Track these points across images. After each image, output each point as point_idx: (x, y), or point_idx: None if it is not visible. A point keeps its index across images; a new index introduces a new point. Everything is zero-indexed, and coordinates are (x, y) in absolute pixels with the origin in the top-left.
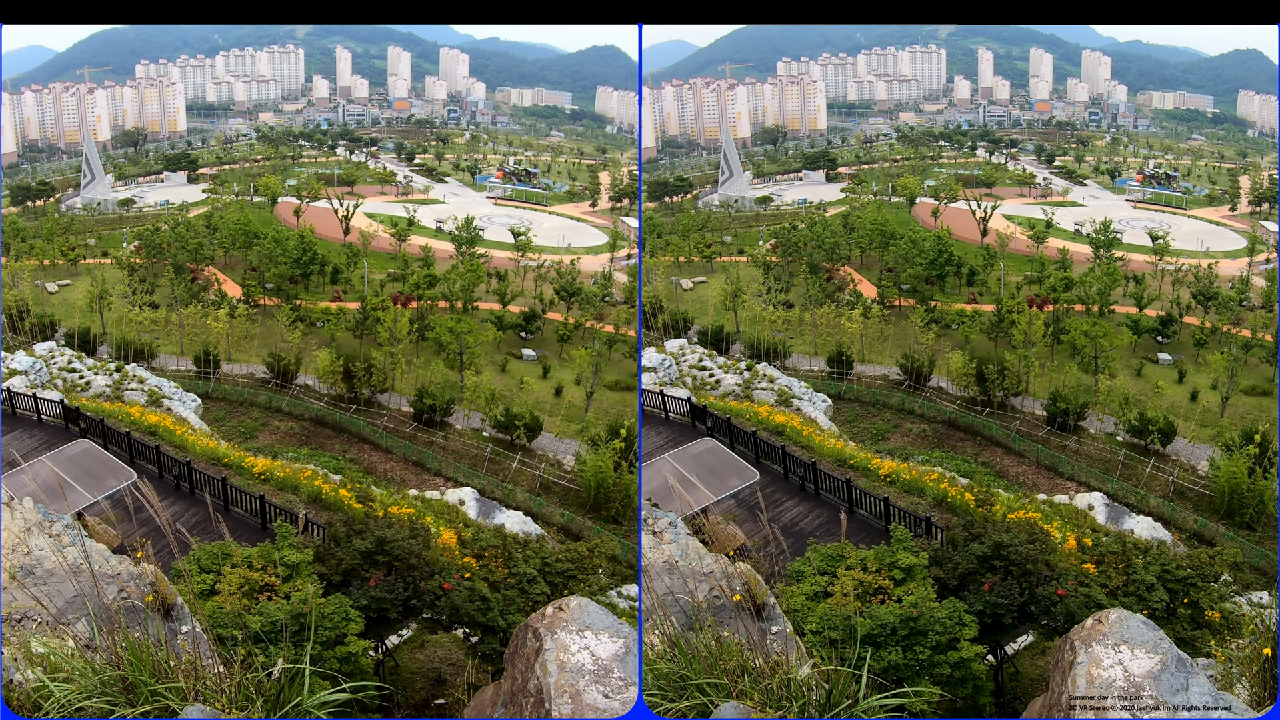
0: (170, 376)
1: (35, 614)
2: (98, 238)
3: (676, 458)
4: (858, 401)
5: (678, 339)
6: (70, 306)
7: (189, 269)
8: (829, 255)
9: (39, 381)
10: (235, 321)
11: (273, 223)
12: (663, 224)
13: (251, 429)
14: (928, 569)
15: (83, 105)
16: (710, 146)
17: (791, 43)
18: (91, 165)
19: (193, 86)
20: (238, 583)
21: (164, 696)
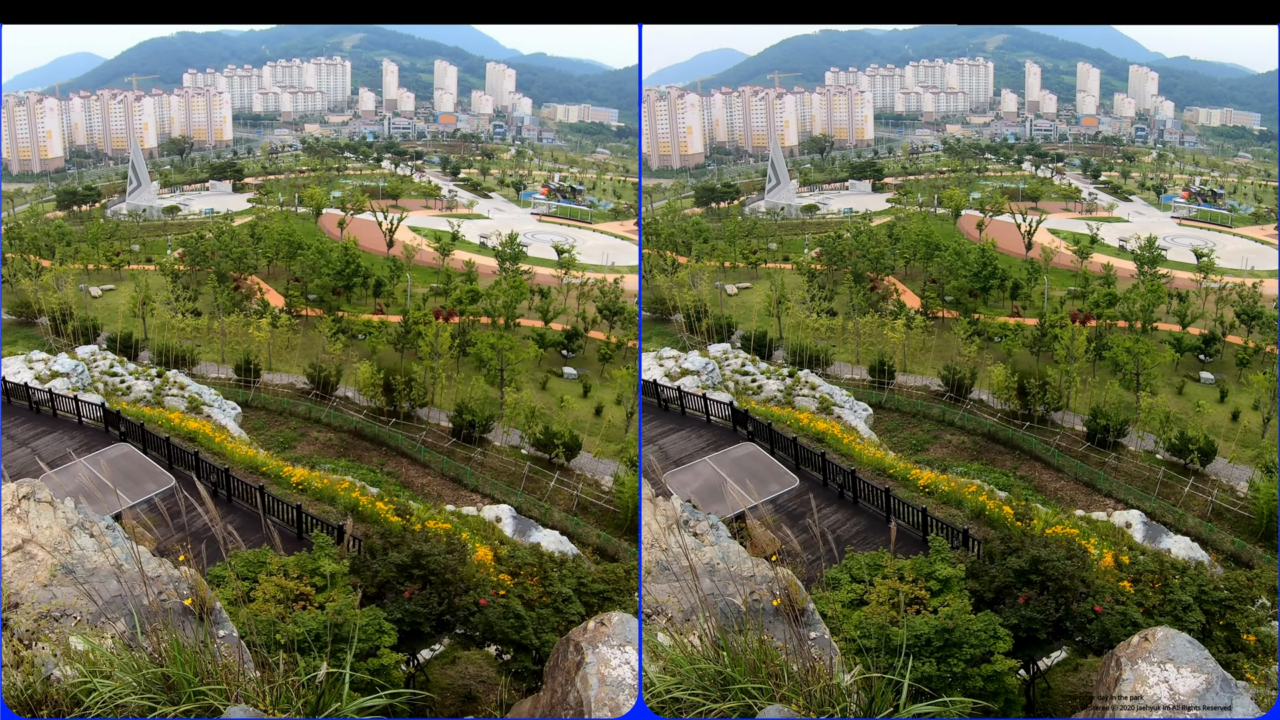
0: (211, 384)
1: (75, 611)
2: (142, 244)
3: (717, 460)
4: (898, 411)
5: (721, 343)
6: (113, 311)
7: (232, 277)
8: (873, 265)
9: (80, 384)
10: (277, 331)
11: (317, 234)
12: (709, 229)
13: (290, 439)
14: (964, 581)
15: (130, 112)
16: (758, 154)
17: (840, 53)
18: (138, 172)
19: (239, 96)
20: (274, 590)
21: (207, 695)
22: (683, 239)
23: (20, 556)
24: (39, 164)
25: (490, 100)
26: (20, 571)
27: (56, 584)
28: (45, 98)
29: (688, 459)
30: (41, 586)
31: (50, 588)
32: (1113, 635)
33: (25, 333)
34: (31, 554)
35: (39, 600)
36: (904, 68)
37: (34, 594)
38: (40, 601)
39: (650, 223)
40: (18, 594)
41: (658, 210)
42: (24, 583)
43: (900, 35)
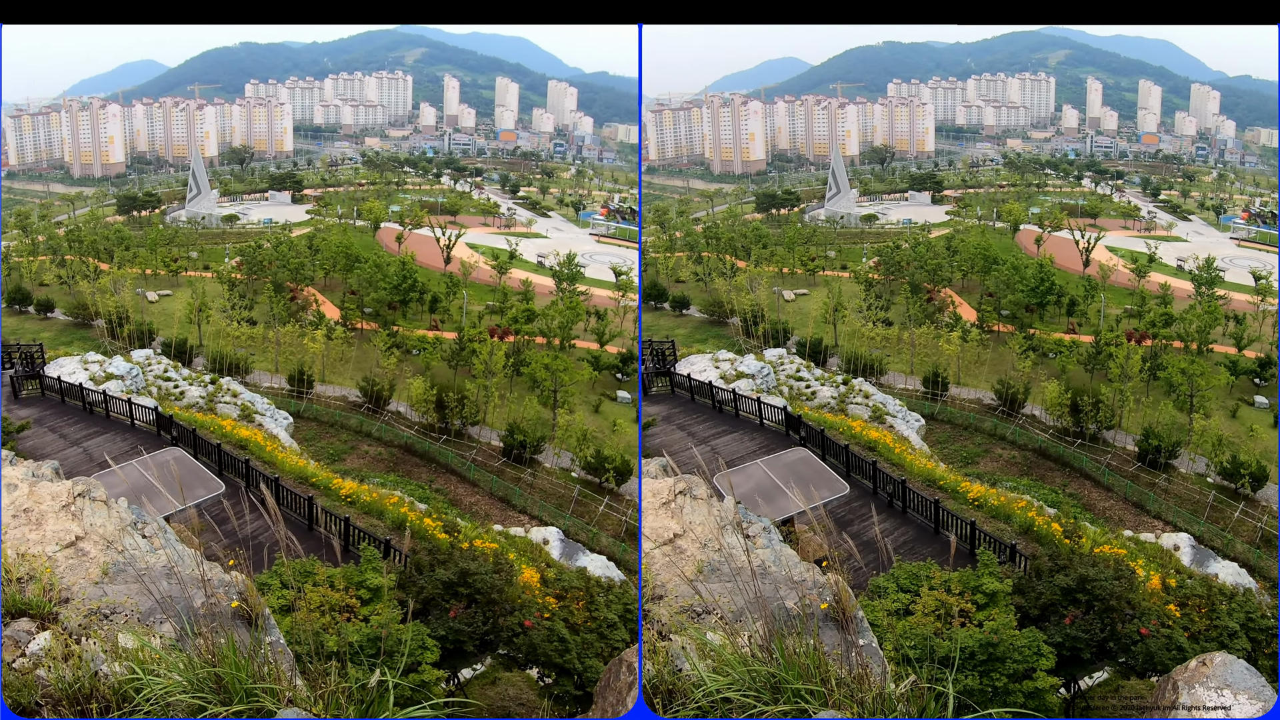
0: (263, 393)
1: (125, 610)
2: (200, 251)
3: (769, 464)
4: (950, 423)
5: (777, 348)
6: (169, 316)
7: (289, 288)
8: (931, 276)
9: (134, 387)
10: (331, 343)
11: (374, 248)
12: (769, 235)
13: (340, 451)
14: (1011, 596)
15: (192, 121)
16: (819, 162)
17: (903, 65)
18: (198, 180)
19: (300, 108)
20: (318, 601)
21: (259, 698)
22: (742, 244)
23: (73, 553)
24: (100, 168)
25: (551, 118)
26: (72, 568)
27: (108, 582)
28: (108, 103)
29: (739, 461)
30: (93, 583)
31: (101, 585)
32: (1157, 659)
33: (81, 334)
34: (85, 551)
35: (90, 597)
36: (966, 81)
37: (85, 590)
38: (91, 598)
39: (711, 226)
40: (69, 589)
41: (719, 214)
42: (76, 579)
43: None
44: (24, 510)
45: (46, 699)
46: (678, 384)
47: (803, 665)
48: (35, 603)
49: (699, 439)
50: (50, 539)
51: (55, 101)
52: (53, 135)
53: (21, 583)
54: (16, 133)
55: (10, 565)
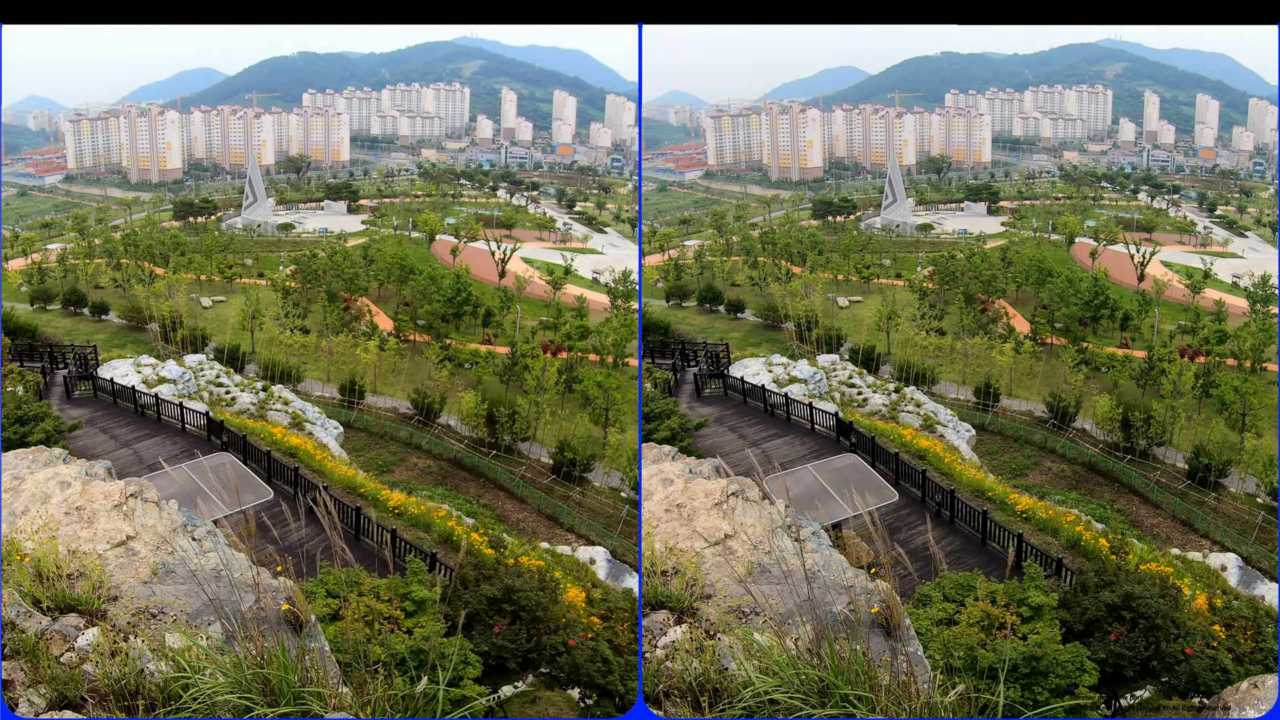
0: (314, 402)
1: (172, 610)
2: (255, 258)
3: (819, 469)
4: (1000, 435)
5: (830, 354)
6: (222, 322)
7: (342, 298)
8: (985, 287)
9: (186, 392)
10: (384, 354)
11: (429, 260)
12: (824, 241)
13: (389, 462)
14: (1056, 610)
15: (249, 129)
16: (875, 171)
17: (960, 75)
18: (254, 187)
19: (358, 118)
20: (363, 611)
21: (306, 700)
22: (798, 250)
23: (124, 552)
24: (158, 174)
25: (609, 133)
26: (122, 566)
27: (156, 582)
28: (167, 110)
29: (789, 465)
30: (142, 583)
31: (150, 584)
32: (1201, 679)
33: (135, 337)
34: (135, 551)
35: (138, 596)
36: (1023, 92)
37: (134, 589)
38: (140, 597)
39: (767, 232)
40: (118, 588)
41: (775, 220)
42: (125, 577)
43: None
44: (76, 508)
45: (93, 693)
46: (731, 386)
47: (851, 671)
48: (84, 599)
49: (750, 441)
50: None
51: (114, 107)
52: (111, 140)
53: (71, 579)
54: (76, 137)
55: (61, 561)
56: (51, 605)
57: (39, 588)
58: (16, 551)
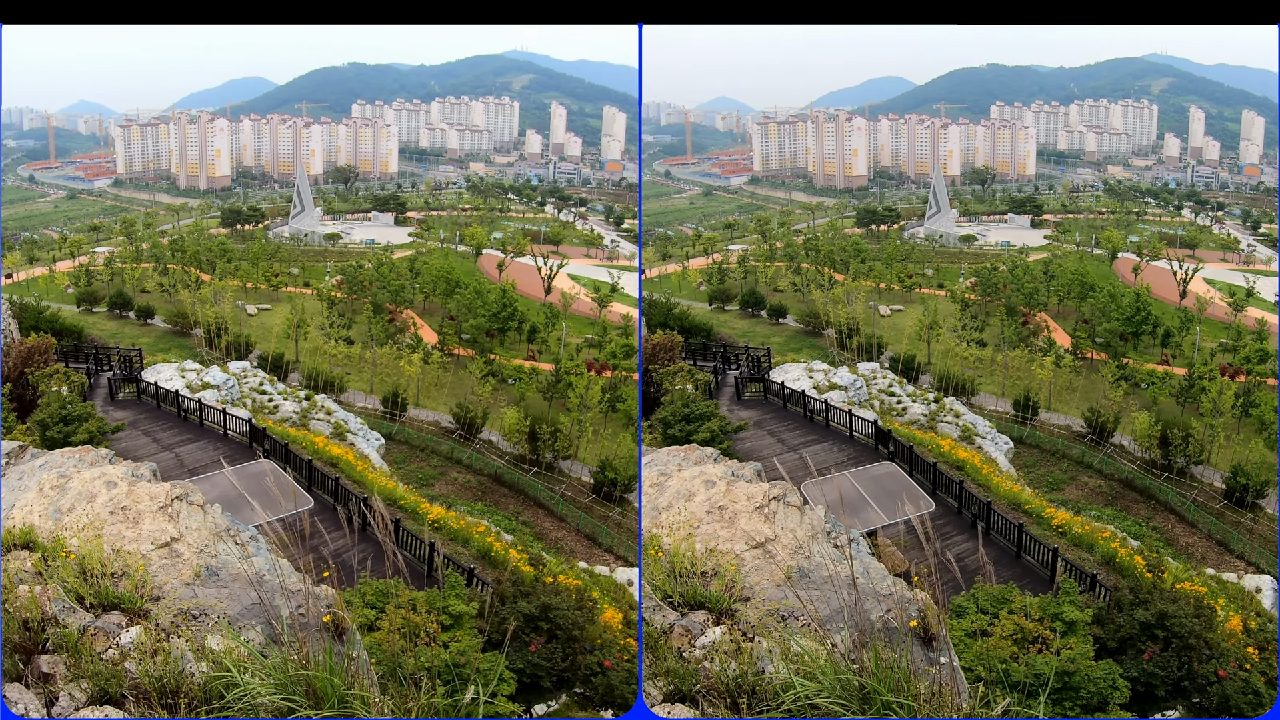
0: (357, 412)
1: (214, 612)
2: (301, 267)
3: (856, 476)
4: (1038, 448)
5: (870, 362)
6: (267, 330)
7: (388, 309)
8: (1027, 300)
9: (230, 398)
10: (428, 367)
11: (475, 274)
12: (868, 250)
13: (430, 476)
14: (1089, 626)
15: (298, 138)
16: (920, 181)
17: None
18: (302, 197)
19: (406, 130)
20: (400, 622)
21: (351, 704)
22: (841, 257)
23: (167, 553)
24: (206, 181)
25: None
26: (165, 567)
27: (199, 584)
28: (216, 117)
29: (827, 471)
30: (184, 584)
31: (192, 586)
32: (1233, 702)
33: (179, 342)
34: (178, 553)
35: (181, 597)
36: (1068, 106)
37: (176, 590)
38: (182, 598)
39: (811, 239)
40: (160, 588)
41: (819, 227)
42: (168, 578)
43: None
44: (122, 508)
45: (133, 690)
46: (771, 391)
47: (893, 679)
48: (127, 598)
49: (789, 446)
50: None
51: (164, 113)
52: (161, 146)
53: (115, 577)
54: (126, 142)
55: (105, 559)
56: (95, 602)
57: (83, 585)
58: (62, 548)
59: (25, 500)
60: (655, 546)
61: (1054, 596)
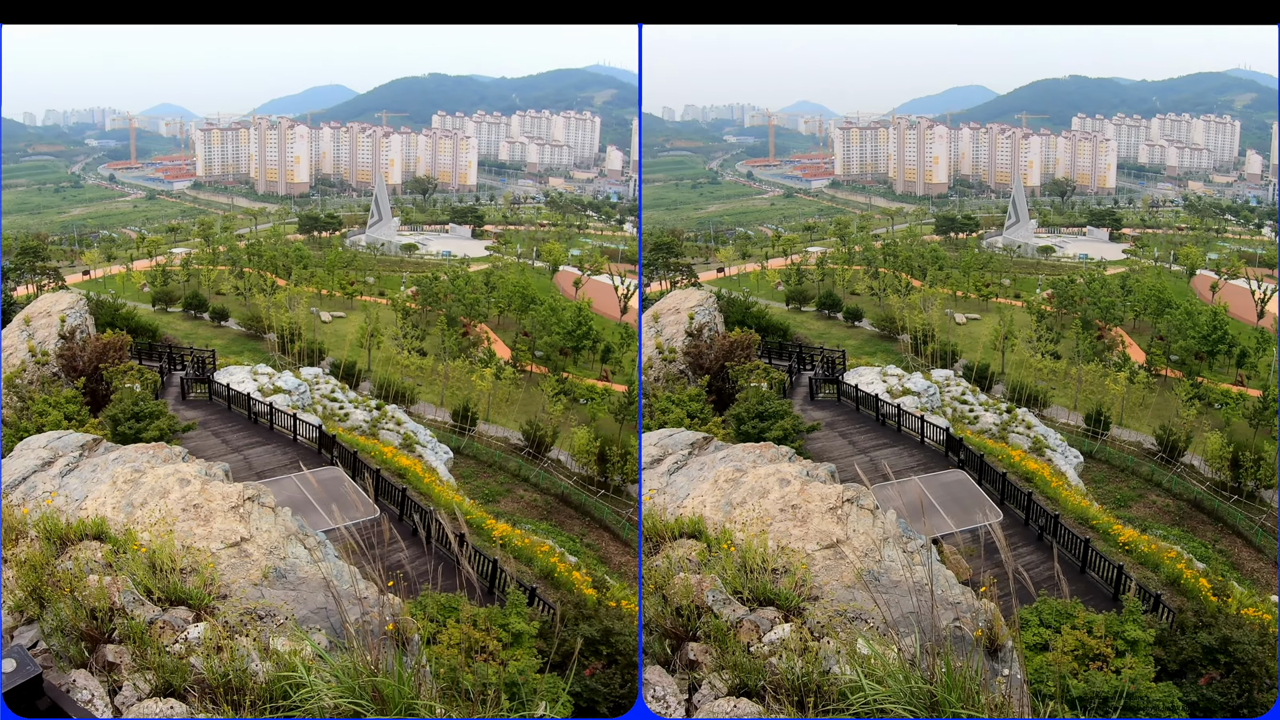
0: (426, 424)
1: (280, 614)
2: (377, 277)
3: (926, 482)
4: (1108, 464)
5: (944, 369)
6: (340, 338)
7: (462, 323)
8: (1103, 314)
9: (301, 403)
10: (499, 383)
11: (551, 290)
12: (945, 257)
13: (496, 492)
14: (1151, 647)
15: (377, 147)
16: (1000, 190)
17: (1088, 99)
18: (380, 206)
19: (486, 143)
20: (459, 637)
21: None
22: (919, 263)
23: (237, 553)
24: (284, 187)
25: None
26: (234, 566)
27: (266, 585)
28: (297, 124)
29: (897, 475)
30: (252, 584)
31: (260, 587)
32: None
33: (252, 345)
34: (248, 553)
35: (248, 596)
36: (1150, 119)
37: (244, 590)
38: (249, 598)
39: (889, 244)
40: (228, 587)
41: (898, 233)
42: (236, 577)
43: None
44: (194, 505)
45: (197, 685)
46: (844, 393)
47: (964, 688)
48: (195, 594)
49: (859, 448)
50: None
51: (245, 119)
52: (240, 151)
53: (184, 573)
54: (206, 146)
55: (175, 555)
56: (162, 596)
57: (152, 578)
58: (133, 541)
59: (98, 492)
60: (728, 541)
61: (1117, 614)
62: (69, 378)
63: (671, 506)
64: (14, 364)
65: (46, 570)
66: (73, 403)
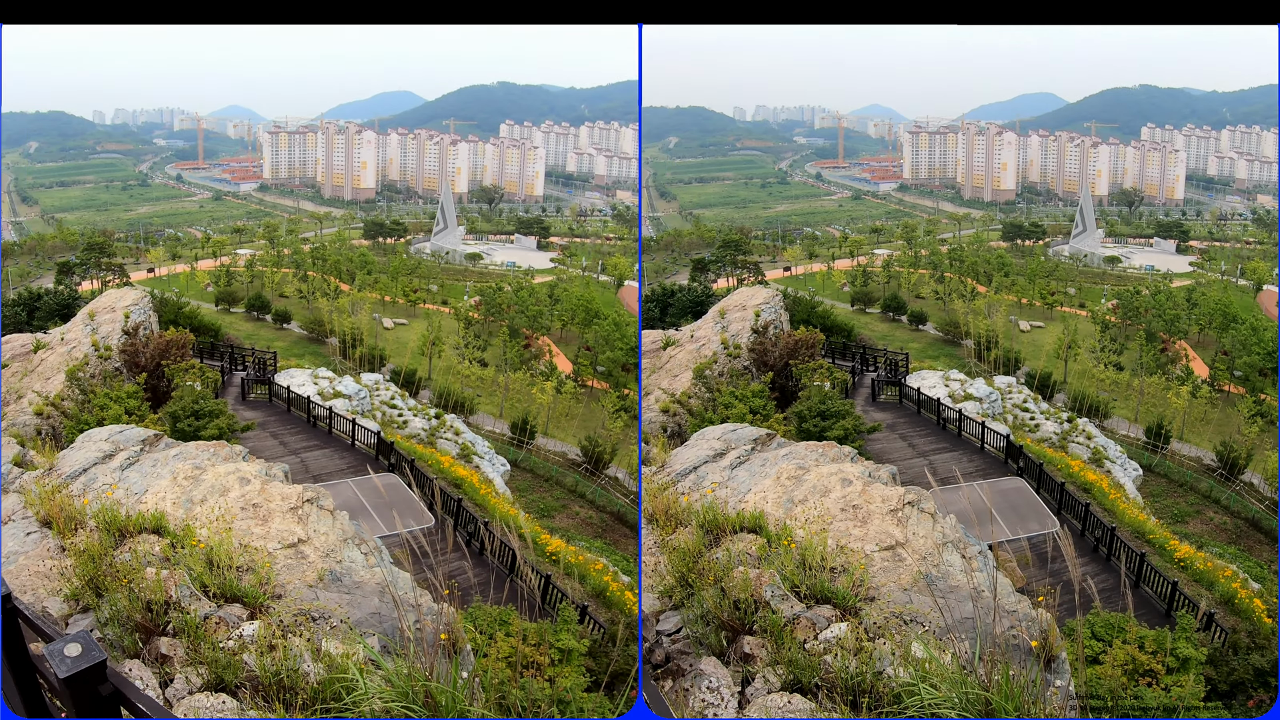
0: (485, 435)
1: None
2: (440, 285)
3: (984, 488)
4: (1166, 478)
5: (1006, 376)
6: (402, 345)
7: (524, 334)
8: (1168, 326)
9: (360, 409)
10: (559, 397)
11: (615, 305)
12: (1011, 264)
13: (551, 507)
14: (1203, 666)
15: (444, 155)
16: (1067, 199)
17: (1158, 109)
18: (445, 214)
19: (554, 153)
20: (508, 651)
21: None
22: (985, 269)
23: (293, 554)
24: (350, 192)
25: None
26: (289, 567)
27: (321, 587)
28: (364, 129)
29: (955, 480)
30: (307, 586)
31: (315, 589)
32: None
33: (313, 349)
34: (304, 554)
35: (302, 597)
36: (1220, 131)
37: (299, 591)
38: (303, 599)
39: (956, 249)
40: (283, 587)
41: (964, 238)
42: (291, 578)
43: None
44: (253, 505)
45: (249, 682)
46: (906, 395)
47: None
48: (250, 592)
49: (919, 451)
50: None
51: (313, 123)
52: (307, 155)
53: (240, 571)
54: (273, 148)
55: (233, 553)
56: (218, 593)
57: (209, 574)
58: (191, 537)
59: (159, 487)
60: (788, 537)
61: (1170, 631)
62: (131, 373)
63: (733, 500)
64: (77, 357)
65: (105, 561)
66: (133, 398)
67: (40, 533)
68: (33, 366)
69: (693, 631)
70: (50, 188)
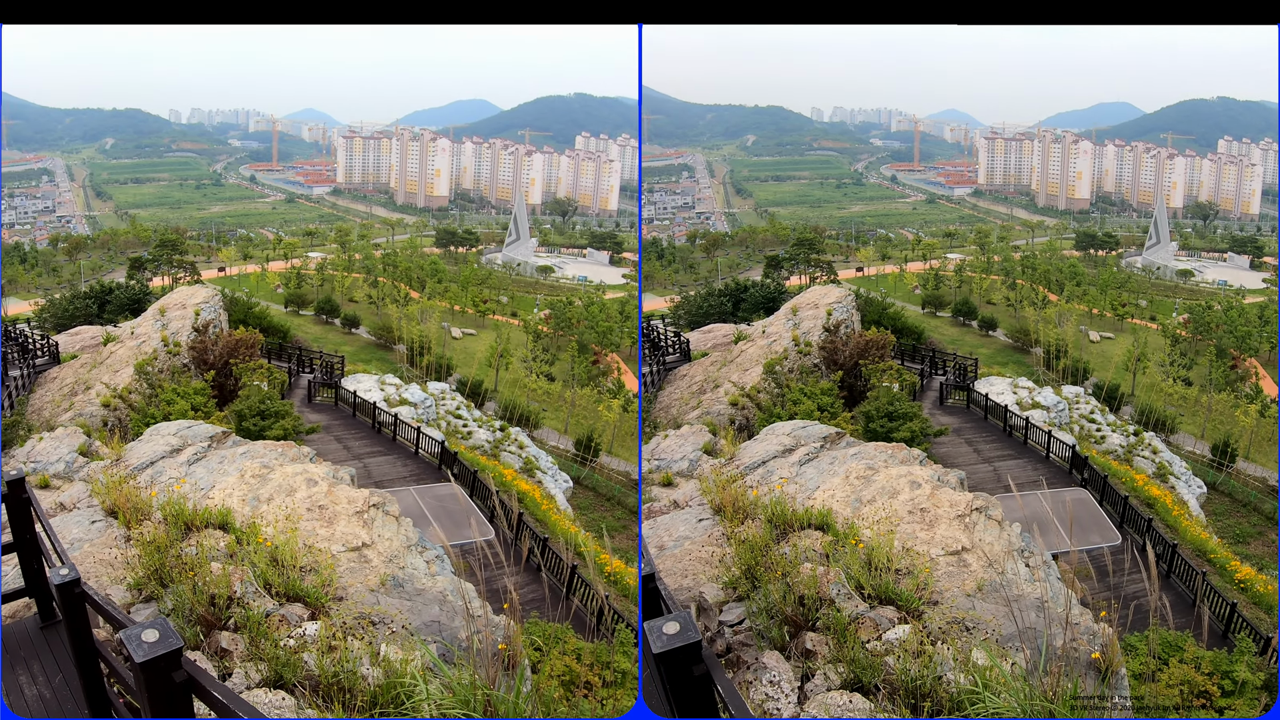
0: (549, 450)
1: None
2: (511, 296)
3: (1047, 498)
4: (1230, 497)
5: (1074, 386)
6: (469, 355)
7: (593, 350)
8: (1239, 343)
9: (425, 417)
10: (626, 416)
11: None
12: (1084, 273)
13: (612, 527)
14: (1259, 691)
15: (519, 165)
16: (1141, 209)
17: (1235, 122)
18: (518, 225)
19: (630, 167)
20: (560, 669)
21: None
22: (1057, 278)
23: (357, 558)
24: (423, 199)
25: None
26: (352, 570)
27: (383, 592)
28: (439, 137)
29: (1019, 488)
30: (369, 590)
31: (376, 593)
32: None
33: (381, 355)
34: (367, 559)
35: (364, 601)
36: None
37: (360, 594)
38: (365, 603)
39: (1028, 256)
40: (345, 590)
41: (1037, 245)
42: (353, 581)
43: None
44: (319, 506)
45: (307, 681)
46: (974, 401)
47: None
48: (312, 593)
49: (984, 457)
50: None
51: (388, 128)
52: (381, 160)
53: (304, 571)
54: (347, 153)
55: (297, 553)
56: (281, 591)
57: (272, 572)
58: (257, 534)
59: (225, 483)
60: (855, 536)
61: (1227, 653)
62: (199, 370)
63: (801, 497)
64: (146, 352)
65: (170, 553)
66: (200, 394)
67: (105, 521)
68: (102, 359)
69: (755, 624)
70: (125, 184)
